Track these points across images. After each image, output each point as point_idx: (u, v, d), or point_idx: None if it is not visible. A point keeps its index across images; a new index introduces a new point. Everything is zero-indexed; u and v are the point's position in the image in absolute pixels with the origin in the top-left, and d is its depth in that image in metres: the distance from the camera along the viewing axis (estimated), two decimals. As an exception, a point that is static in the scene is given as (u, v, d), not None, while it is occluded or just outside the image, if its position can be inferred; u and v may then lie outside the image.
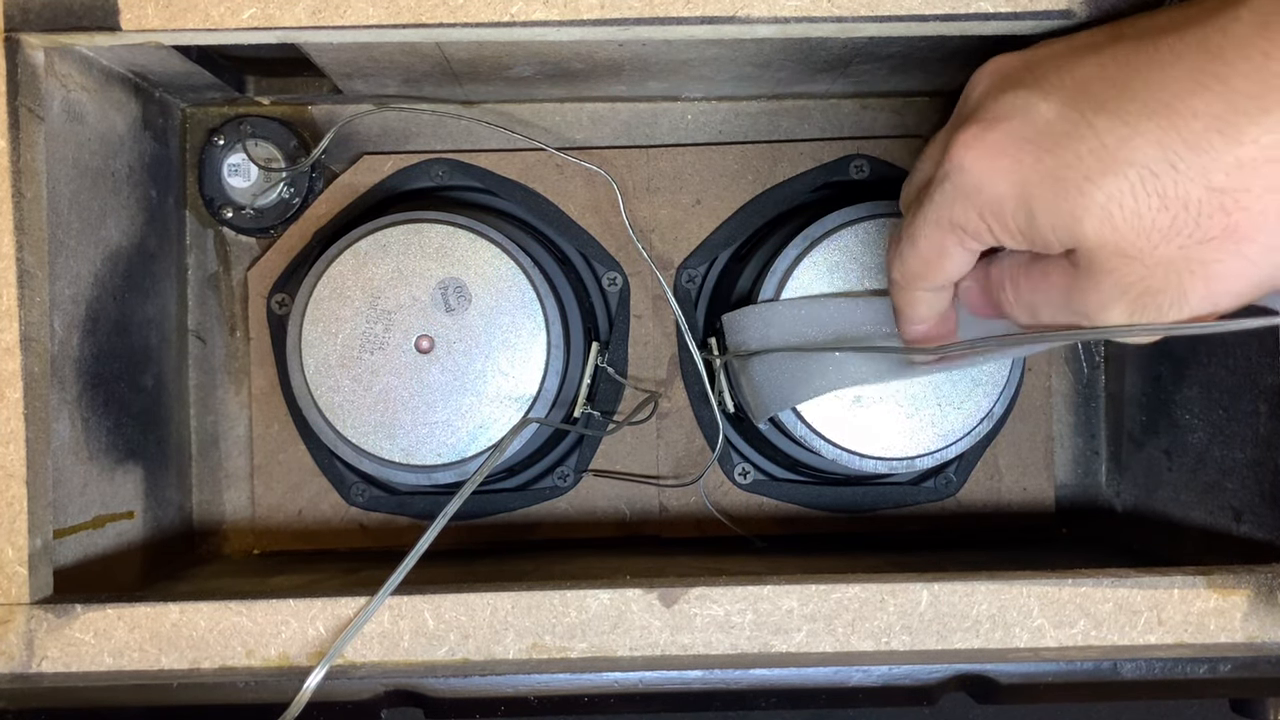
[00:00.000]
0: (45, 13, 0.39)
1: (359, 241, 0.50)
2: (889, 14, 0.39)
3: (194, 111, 0.57)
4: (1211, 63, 0.31)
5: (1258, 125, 0.30)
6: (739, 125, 0.58)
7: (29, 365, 0.40)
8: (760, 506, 0.58)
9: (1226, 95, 0.30)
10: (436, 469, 0.50)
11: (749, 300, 0.51)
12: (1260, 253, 0.31)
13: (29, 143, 0.40)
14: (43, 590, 0.41)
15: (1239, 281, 0.32)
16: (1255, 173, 0.30)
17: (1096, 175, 0.32)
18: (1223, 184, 0.31)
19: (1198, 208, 0.31)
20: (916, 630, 0.40)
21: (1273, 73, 0.30)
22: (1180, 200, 0.31)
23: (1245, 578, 0.40)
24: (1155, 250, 0.32)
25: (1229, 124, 0.30)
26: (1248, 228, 0.31)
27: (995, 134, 0.35)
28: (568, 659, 0.40)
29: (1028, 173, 0.34)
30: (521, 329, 0.50)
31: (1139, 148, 0.32)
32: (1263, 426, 0.45)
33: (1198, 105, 0.31)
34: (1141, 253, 0.32)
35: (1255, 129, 0.30)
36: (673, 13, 0.40)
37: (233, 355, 0.57)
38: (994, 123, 0.35)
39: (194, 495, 0.57)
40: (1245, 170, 0.30)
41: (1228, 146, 0.30)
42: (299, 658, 0.40)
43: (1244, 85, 0.30)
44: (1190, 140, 0.31)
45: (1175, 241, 0.32)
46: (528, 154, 0.56)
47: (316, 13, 0.39)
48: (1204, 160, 0.31)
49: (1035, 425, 0.58)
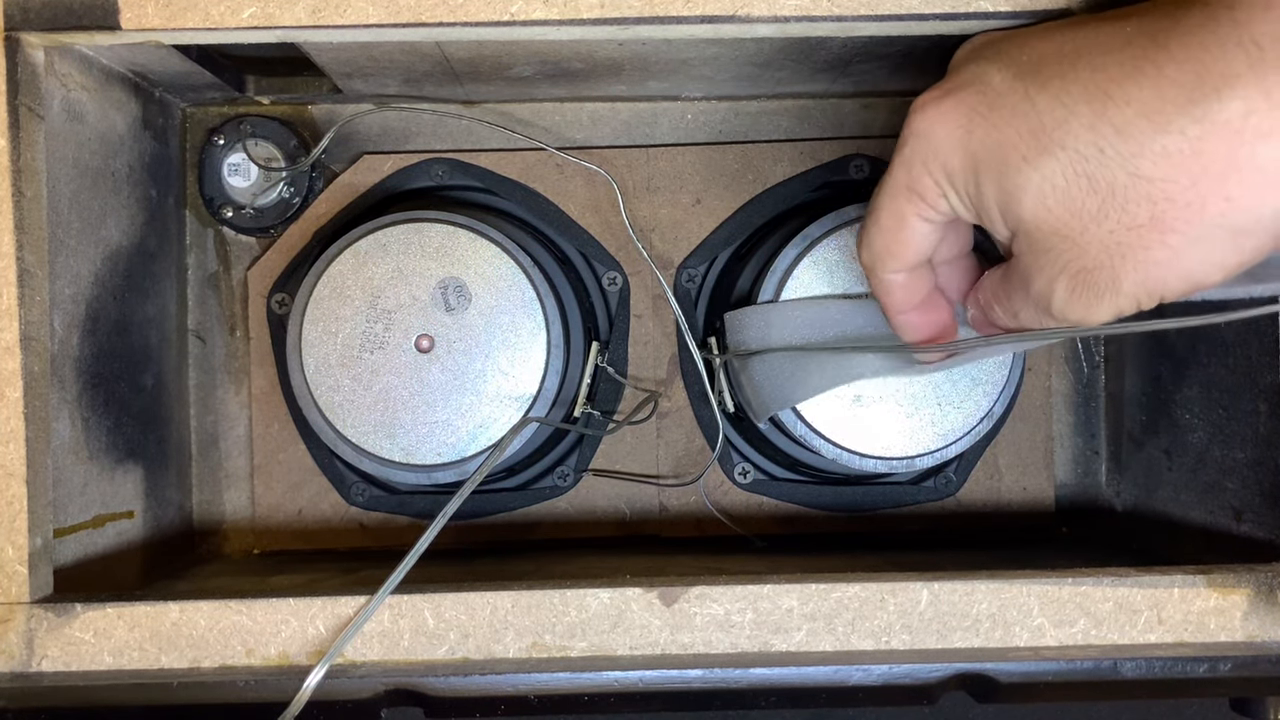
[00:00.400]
0: (45, 12, 0.40)
1: (359, 241, 0.50)
2: (889, 13, 0.39)
3: (194, 111, 0.57)
4: (1154, 50, 0.31)
5: (1185, 116, 0.30)
6: (739, 125, 0.58)
7: (29, 364, 0.40)
8: (760, 506, 0.58)
9: (1159, 84, 0.31)
10: (436, 468, 0.50)
11: (749, 300, 0.51)
12: (1185, 244, 0.32)
13: (29, 142, 0.40)
14: (43, 589, 0.41)
15: (1167, 270, 0.32)
16: (1180, 164, 0.31)
17: (1033, 155, 0.33)
18: (1149, 172, 0.31)
19: (1124, 194, 0.32)
20: (916, 629, 0.40)
21: (1205, 65, 0.30)
22: (1107, 185, 0.32)
23: (1245, 577, 0.40)
24: (1086, 231, 0.33)
25: (1158, 113, 0.31)
26: (1172, 218, 0.31)
27: (951, 100, 0.36)
28: (568, 658, 0.40)
29: (976, 144, 0.35)
30: (521, 328, 0.50)
31: (1072, 130, 0.32)
32: (1263, 426, 0.45)
33: (1132, 92, 0.31)
34: (1074, 233, 0.33)
35: (1182, 119, 0.30)
36: (673, 12, 0.40)
37: (233, 355, 0.57)
38: (952, 90, 0.36)
39: (194, 495, 0.57)
40: (1171, 160, 0.31)
41: (1154, 135, 0.31)
42: (299, 657, 0.40)
43: (1177, 75, 0.30)
44: (1120, 126, 0.31)
45: (1105, 225, 0.32)
46: (528, 154, 0.56)
47: (316, 12, 0.39)
48: (1130, 147, 0.31)
49: (1035, 425, 0.58)
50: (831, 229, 0.50)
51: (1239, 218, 0.31)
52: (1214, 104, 0.30)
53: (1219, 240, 0.31)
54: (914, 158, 0.37)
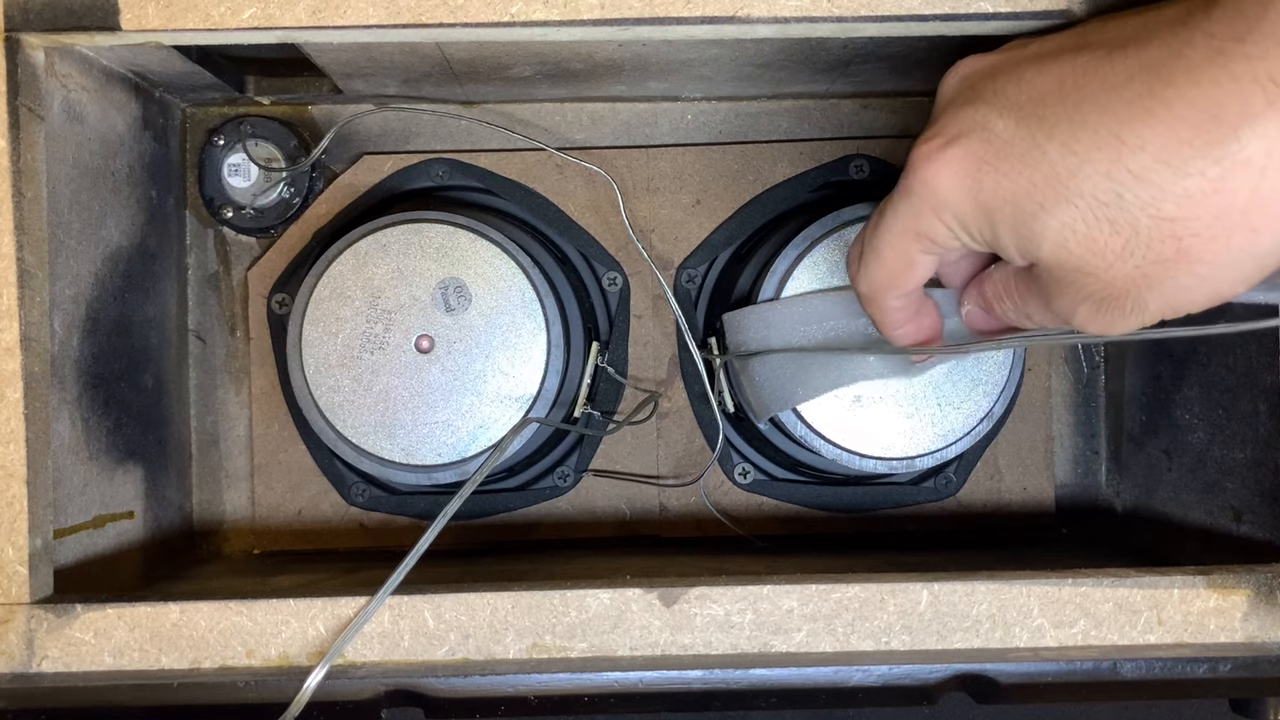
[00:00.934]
0: (45, 13, 0.40)
1: (359, 241, 0.50)
2: (889, 14, 0.39)
3: (194, 111, 0.57)
4: (1162, 88, 0.31)
5: (1203, 158, 0.30)
6: (739, 125, 0.58)
7: (29, 365, 0.40)
8: (760, 506, 0.58)
9: (1172, 125, 0.31)
10: (436, 469, 0.50)
11: (749, 300, 0.51)
12: (1213, 270, 0.32)
13: (29, 143, 0.40)
14: (43, 590, 0.41)
15: (1195, 293, 0.33)
16: (1203, 203, 0.31)
17: (1050, 204, 0.33)
18: (1172, 214, 0.31)
19: (1147, 234, 0.32)
20: (916, 630, 0.40)
21: (1220, 103, 0.30)
22: (1130, 227, 0.32)
23: (1245, 578, 0.40)
24: (1111, 269, 0.33)
25: (1175, 155, 0.31)
26: (1199, 250, 0.32)
27: (956, 150, 0.35)
28: (568, 659, 0.40)
29: (988, 194, 0.35)
30: (521, 329, 0.50)
31: (1088, 178, 0.32)
32: (1263, 426, 0.45)
33: (1145, 135, 0.31)
34: (1098, 270, 0.33)
35: (1201, 161, 0.30)
36: (673, 13, 0.40)
37: (233, 355, 0.57)
38: (955, 139, 0.35)
39: (194, 495, 0.57)
40: (1193, 201, 0.31)
41: (1174, 179, 0.31)
42: (299, 657, 0.40)
43: (1190, 114, 0.30)
44: (1137, 172, 0.31)
45: (1130, 261, 0.33)
46: (528, 154, 0.56)
47: (316, 13, 0.39)
48: (1150, 192, 0.31)
49: (1035, 425, 0.58)
50: (832, 229, 0.50)
51: (1265, 244, 0.31)
52: (1233, 145, 0.30)
53: (1244, 264, 0.32)
54: (923, 207, 0.37)
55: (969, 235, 0.37)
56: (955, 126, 0.36)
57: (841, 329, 0.48)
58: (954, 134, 0.36)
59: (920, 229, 0.37)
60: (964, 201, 0.35)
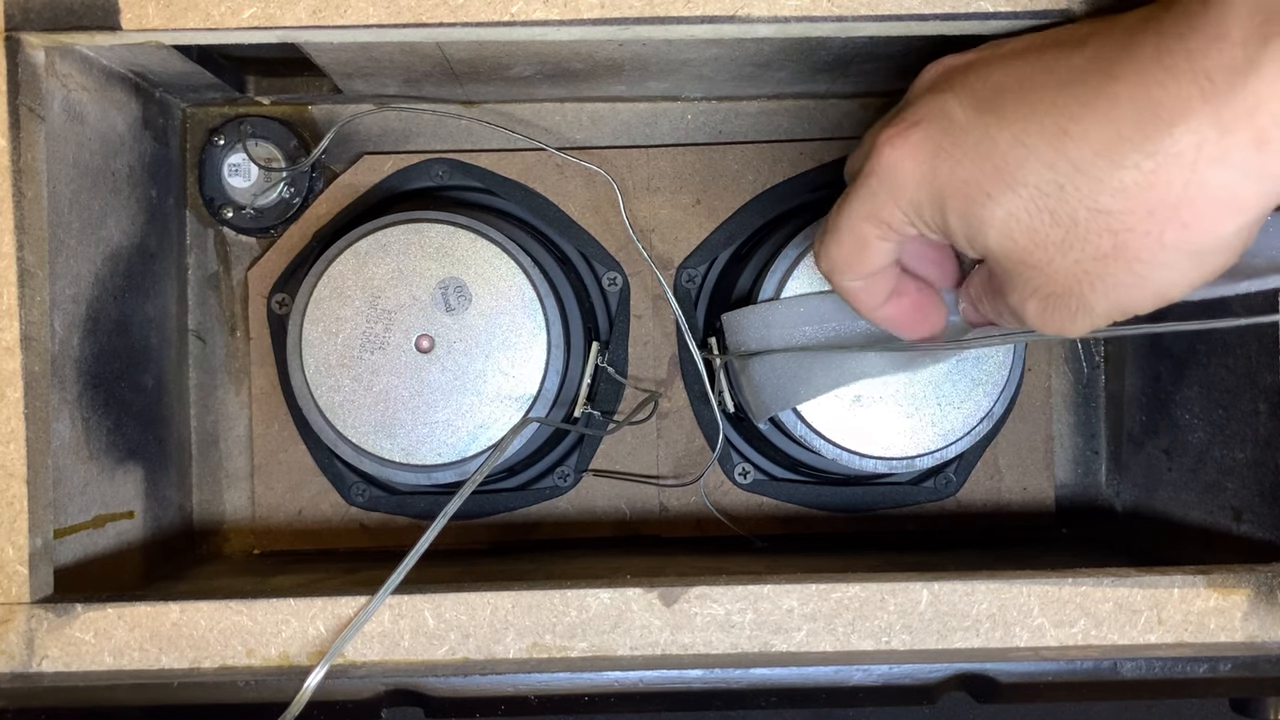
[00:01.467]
0: (46, 12, 0.40)
1: (359, 241, 0.50)
2: (889, 14, 0.39)
3: (194, 111, 0.57)
4: (1108, 83, 0.32)
5: (1139, 152, 0.31)
6: (739, 125, 0.58)
7: (29, 365, 0.40)
8: (760, 506, 0.58)
9: (1114, 119, 0.31)
10: (436, 469, 0.50)
11: (749, 300, 0.51)
12: (1149, 270, 0.32)
13: (29, 142, 0.40)
14: (43, 590, 0.41)
15: (1136, 292, 0.33)
16: (1138, 197, 0.31)
17: (996, 192, 0.34)
18: (1108, 206, 0.32)
19: (1085, 227, 0.33)
20: (916, 630, 0.40)
21: (1156, 101, 0.31)
22: (1069, 218, 0.33)
23: (1245, 577, 0.40)
24: (1052, 262, 0.34)
25: (1114, 149, 0.31)
26: (1134, 247, 0.32)
27: (915, 135, 0.36)
28: (568, 658, 0.40)
29: (942, 180, 0.35)
30: (521, 329, 0.50)
31: (1033, 169, 0.33)
32: (1263, 426, 0.45)
33: (1088, 128, 0.32)
34: (1040, 263, 0.34)
35: (1136, 155, 0.31)
36: (673, 12, 0.40)
37: (233, 355, 0.57)
38: (915, 124, 0.36)
39: (194, 495, 0.57)
40: (1127, 194, 0.31)
41: (1111, 171, 0.32)
42: (299, 657, 0.40)
43: (1130, 109, 0.31)
44: (1078, 163, 0.32)
45: (1070, 255, 0.33)
46: (528, 154, 0.56)
47: (316, 12, 0.39)
48: (1089, 184, 0.32)
49: (1035, 425, 0.58)
50: (831, 229, 0.50)
51: (1198, 241, 0.32)
52: (1166, 139, 0.31)
53: (1181, 263, 0.32)
54: (880, 190, 0.37)
55: (924, 222, 0.37)
56: (918, 114, 0.37)
57: (842, 328, 0.48)
58: (915, 120, 0.36)
59: (876, 213, 0.38)
60: (920, 187, 0.36)
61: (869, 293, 0.42)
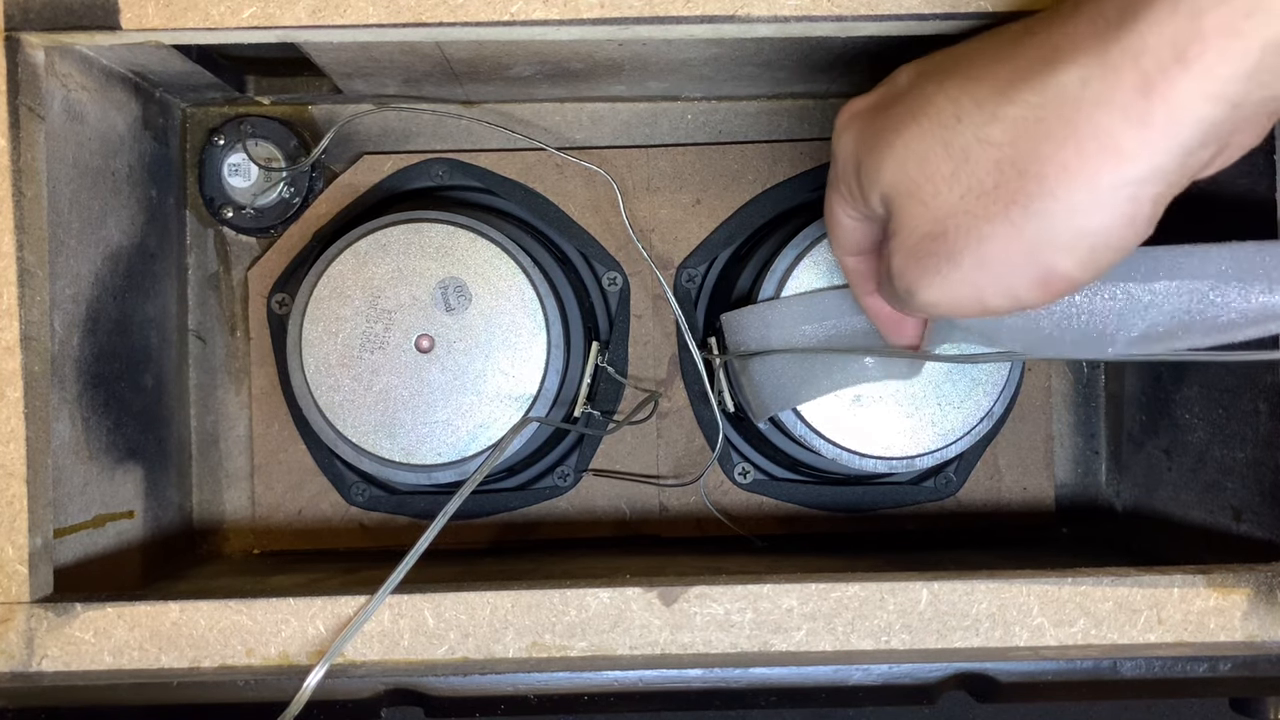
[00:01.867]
0: (46, 12, 0.40)
1: (359, 241, 0.50)
2: (889, 14, 0.39)
3: (194, 111, 0.57)
4: (1024, 35, 0.33)
5: (1028, 87, 0.32)
6: (739, 125, 0.58)
7: (29, 364, 0.40)
8: (760, 506, 0.58)
9: (1017, 62, 0.32)
10: (436, 468, 0.50)
11: (749, 300, 0.51)
12: (1024, 217, 0.32)
13: (29, 142, 0.40)
14: (43, 589, 0.41)
15: (1009, 246, 0.33)
16: (1024, 131, 0.32)
17: (899, 126, 0.35)
18: (996, 138, 0.32)
19: (974, 159, 0.33)
20: (916, 629, 0.40)
21: (1056, 41, 0.31)
22: (961, 150, 0.33)
23: (1245, 577, 0.40)
24: (938, 195, 0.34)
25: (1010, 86, 0.32)
26: (1013, 189, 0.32)
27: (864, 102, 0.38)
28: (568, 658, 0.40)
29: (866, 132, 0.37)
30: (521, 329, 0.50)
31: (937, 104, 0.34)
32: (1263, 426, 0.45)
33: (995, 69, 0.33)
34: (927, 196, 0.34)
35: (1027, 91, 0.32)
36: (673, 12, 0.40)
37: (233, 355, 0.57)
38: (868, 95, 0.38)
39: (194, 495, 0.57)
40: (1015, 128, 0.32)
41: (1004, 105, 0.32)
42: (299, 657, 0.40)
43: (1033, 53, 0.32)
44: (977, 98, 0.33)
45: (956, 189, 0.33)
46: (528, 154, 0.56)
47: (316, 12, 0.39)
48: (982, 115, 0.33)
49: (1035, 425, 0.58)
50: (831, 229, 0.50)
51: (1077, 192, 0.31)
52: (1053, 75, 0.31)
53: (1060, 216, 0.31)
54: (837, 156, 0.39)
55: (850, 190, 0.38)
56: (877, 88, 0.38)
57: (841, 327, 0.48)
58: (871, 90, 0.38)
59: (834, 184, 0.40)
60: (853, 145, 0.37)
61: (858, 274, 0.43)
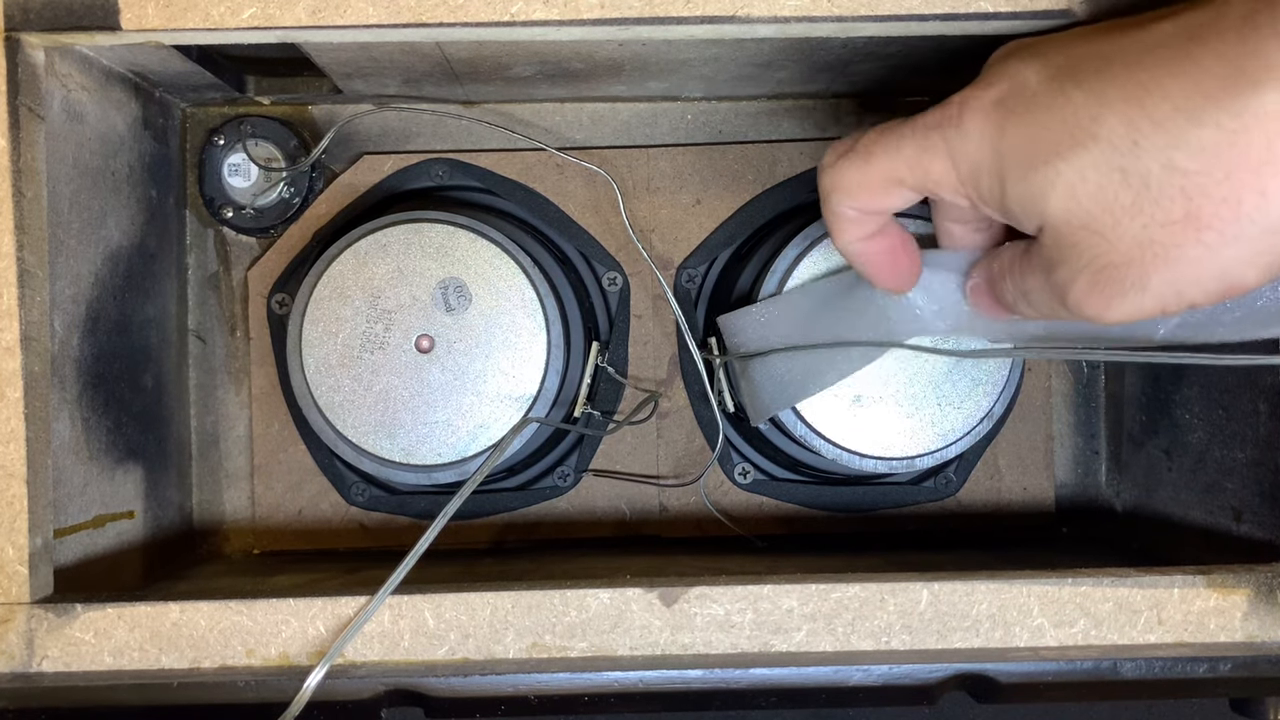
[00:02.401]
0: (45, 12, 0.40)
1: (359, 241, 0.50)
2: (889, 14, 0.39)
3: (194, 111, 0.57)
4: (1193, 46, 0.31)
5: (1221, 109, 0.30)
6: (739, 125, 0.58)
7: (29, 365, 0.40)
8: (760, 506, 0.58)
9: (1197, 78, 0.31)
10: (436, 469, 0.50)
11: (749, 300, 0.51)
12: (1220, 242, 0.31)
13: (29, 142, 0.40)
14: (43, 590, 0.41)
15: (1200, 268, 0.32)
16: (1216, 157, 0.30)
17: (1065, 149, 0.33)
18: (1184, 165, 0.31)
19: (1159, 188, 0.31)
20: (916, 630, 0.40)
21: (1242, 61, 0.30)
22: (1141, 178, 0.31)
23: (1245, 577, 0.40)
24: (1118, 226, 0.32)
25: (1195, 106, 0.30)
26: (1208, 215, 0.31)
27: (988, 96, 0.35)
28: (568, 658, 0.40)
29: (1006, 140, 0.34)
30: (521, 329, 0.50)
31: (1107, 124, 0.32)
32: (1263, 426, 0.45)
33: (1170, 87, 0.31)
34: (1105, 228, 0.33)
35: (1219, 113, 0.30)
36: (673, 12, 0.40)
37: (233, 355, 0.57)
38: (988, 87, 0.35)
39: (194, 495, 0.57)
40: (1206, 154, 0.30)
41: (1190, 128, 0.30)
42: (299, 657, 0.40)
43: (1215, 68, 0.30)
44: (1157, 120, 0.31)
45: (1139, 220, 0.32)
46: (528, 154, 0.56)
47: (316, 12, 0.39)
48: (1166, 139, 0.31)
49: (1035, 425, 0.58)
50: (831, 229, 0.50)
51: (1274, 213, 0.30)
52: (1251, 97, 0.30)
53: (1254, 239, 0.31)
54: (940, 144, 0.36)
55: (977, 190, 0.36)
56: (991, 77, 0.36)
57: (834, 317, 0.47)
58: (988, 83, 0.35)
59: (925, 163, 0.36)
60: (983, 148, 0.35)
61: (857, 225, 0.40)
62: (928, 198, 0.39)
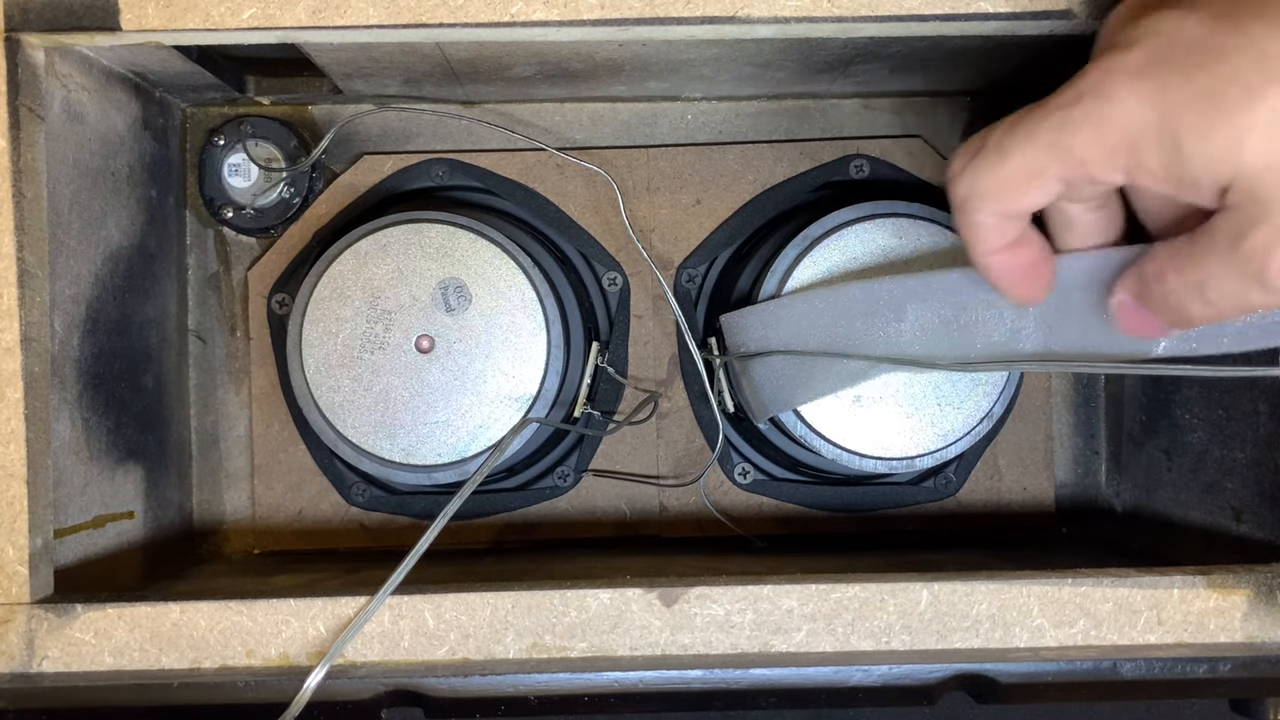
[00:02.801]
0: (45, 13, 0.40)
1: (359, 241, 0.50)
2: (889, 14, 0.39)
3: (194, 111, 0.57)
4: None
5: None
6: (739, 125, 0.58)
7: (29, 365, 0.40)
8: (760, 506, 0.58)
9: None
10: (436, 469, 0.50)
11: (749, 300, 0.51)
12: None
13: (29, 143, 0.40)
14: (43, 590, 0.41)
15: None
16: None
17: (1259, 86, 0.28)
18: None
19: None
20: (916, 630, 0.40)
21: None
22: None
23: (1245, 578, 0.40)
24: None
25: None
26: None
27: (1133, 58, 0.31)
28: (568, 659, 0.40)
29: (1174, 96, 0.30)
30: (521, 329, 0.50)
31: None
32: (1263, 426, 0.45)
33: None
34: None
35: None
36: (673, 13, 0.40)
37: (233, 355, 0.57)
38: (1128, 49, 0.31)
39: (194, 495, 0.57)
40: None
41: None
42: (299, 657, 0.40)
43: None
44: None
45: None
46: (528, 154, 0.56)
47: (316, 13, 0.39)
48: None
49: (1035, 425, 0.58)
50: (831, 229, 0.50)
51: None
52: None
53: None
54: (1087, 121, 0.31)
55: (1138, 163, 0.31)
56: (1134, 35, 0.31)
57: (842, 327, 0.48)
58: (1132, 41, 0.31)
59: (1068, 145, 0.32)
60: (1142, 113, 0.30)
61: (997, 233, 0.36)
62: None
